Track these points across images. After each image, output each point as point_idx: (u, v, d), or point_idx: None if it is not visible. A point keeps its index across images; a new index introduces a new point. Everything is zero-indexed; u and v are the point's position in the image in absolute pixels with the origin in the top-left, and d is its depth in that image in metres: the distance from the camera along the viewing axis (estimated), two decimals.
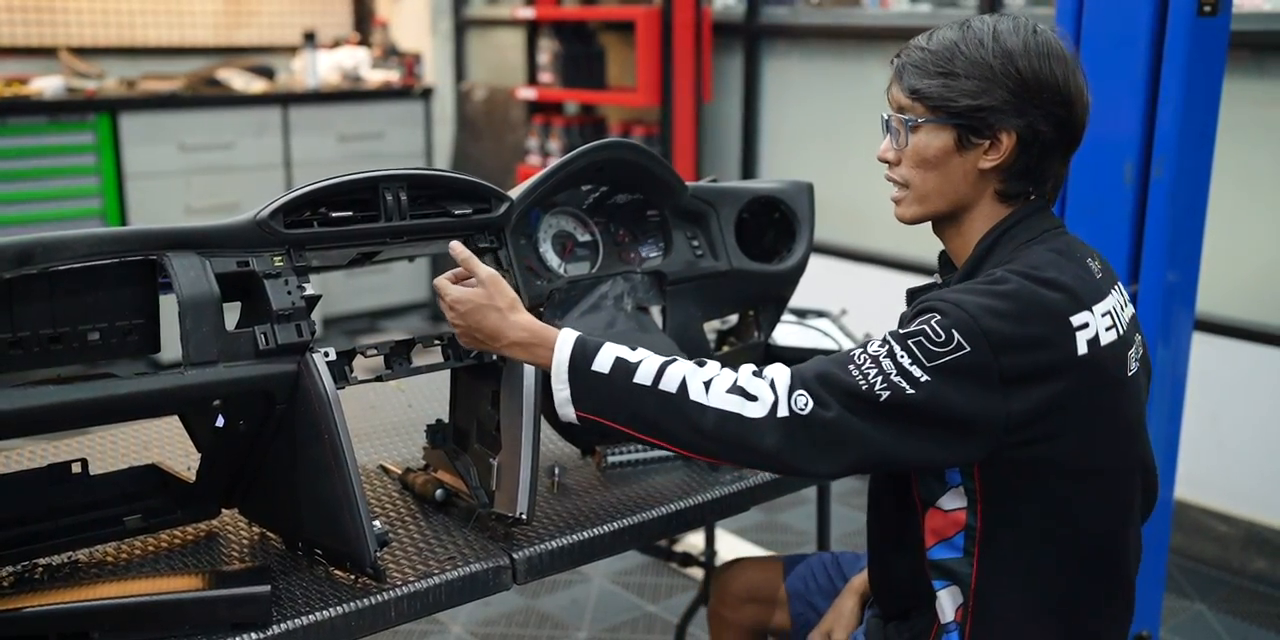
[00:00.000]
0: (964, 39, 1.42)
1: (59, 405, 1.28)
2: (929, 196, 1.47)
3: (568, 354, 1.41)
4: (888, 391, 1.30)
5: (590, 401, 1.40)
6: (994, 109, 1.39)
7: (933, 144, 1.44)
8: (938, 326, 1.31)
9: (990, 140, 1.41)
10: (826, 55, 4.34)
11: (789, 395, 1.33)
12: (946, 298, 1.34)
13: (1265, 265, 3.21)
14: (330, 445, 1.43)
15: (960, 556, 1.43)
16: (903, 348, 1.31)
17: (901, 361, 1.30)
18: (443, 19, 5.79)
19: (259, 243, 1.45)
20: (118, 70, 5.14)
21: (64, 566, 1.53)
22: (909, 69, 1.45)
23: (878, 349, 1.33)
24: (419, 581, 1.51)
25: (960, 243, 1.50)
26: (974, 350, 1.29)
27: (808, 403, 1.32)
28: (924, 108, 1.43)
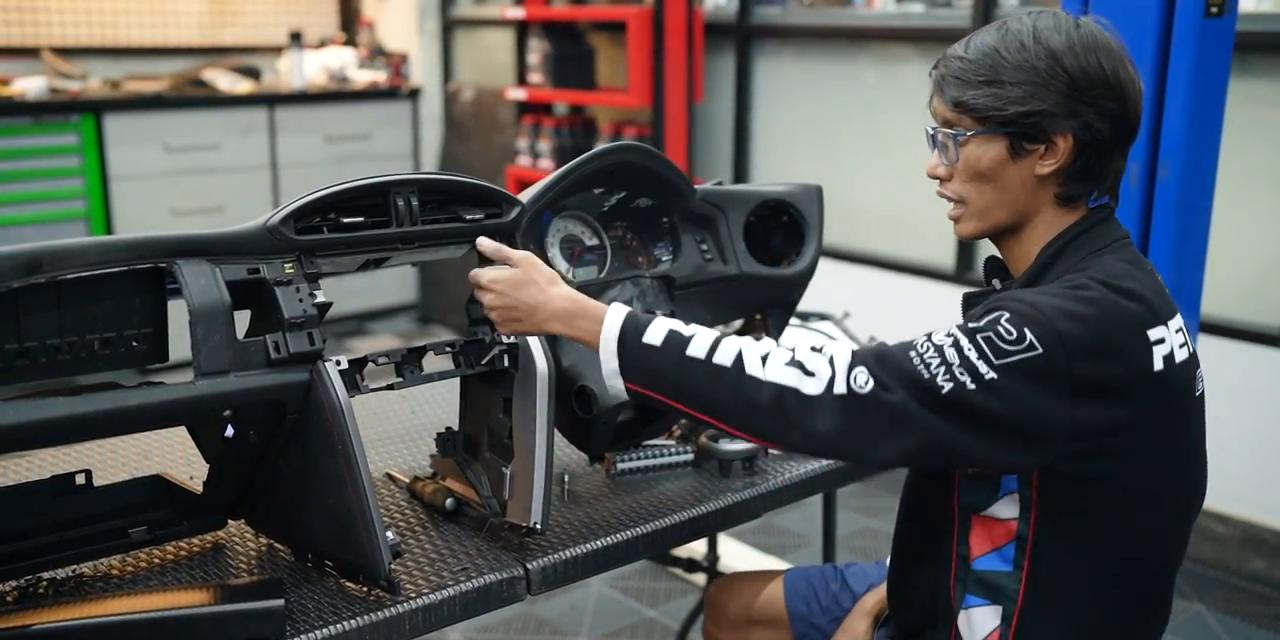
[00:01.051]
0: (1004, 43, 1.35)
1: (70, 418, 1.24)
2: (988, 210, 1.41)
3: (618, 325, 1.37)
4: (950, 384, 1.25)
5: (640, 373, 1.35)
6: (1045, 113, 1.33)
7: (985, 156, 1.38)
8: (1010, 325, 1.26)
9: (1045, 145, 1.35)
10: (819, 55, 4.33)
11: (848, 372, 1.27)
12: (1022, 298, 1.30)
13: (1261, 266, 3.21)
14: (343, 455, 1.40)
15: (1009, 570, 1.38)
16: (971, 342, 1.26)
17: (968, 355, 1.25)
18: (429, 19, 5.75)
19: (269, 249, 1.42)
20: (101, 70, 5.09)
21: (68, 581, 1.50)
22: (950, 80, 1.38)
23: (943, 339, 1.28)
24: (433, 593, 1.48)
25: (1021, 251, 1.44)
26: (1046, 352, 1.24)
27: (868, 381, 1.26)
28: (971, 119, 1.37)
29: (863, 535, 3.45)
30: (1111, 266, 1.35)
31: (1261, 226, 3.21)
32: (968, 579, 1.42)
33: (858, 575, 1.81)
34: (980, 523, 1.40)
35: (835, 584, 1.81)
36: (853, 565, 1.86)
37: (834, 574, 1.82)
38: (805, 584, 1.83)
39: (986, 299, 1.39)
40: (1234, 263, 3.17)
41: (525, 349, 1.58)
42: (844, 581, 1.81)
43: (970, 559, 1.42)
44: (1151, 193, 2.20)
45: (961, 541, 1.42)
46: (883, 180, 4.12)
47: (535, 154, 4.97)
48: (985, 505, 1.39)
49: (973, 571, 1.42)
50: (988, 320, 1.28)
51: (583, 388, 1.72)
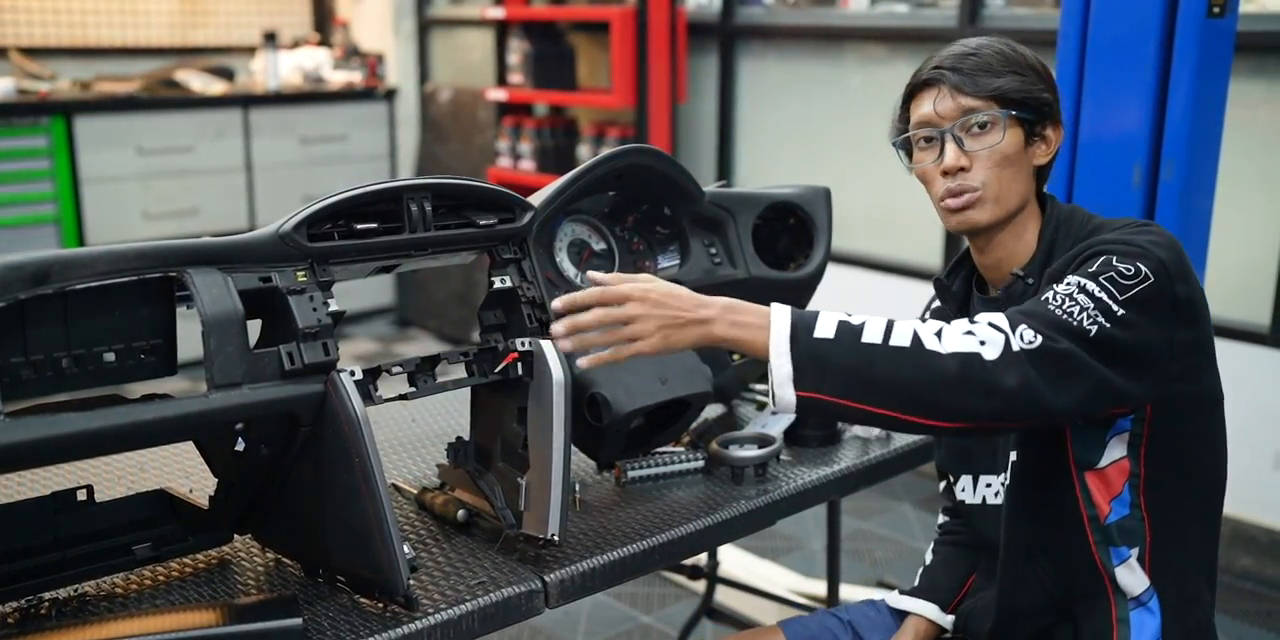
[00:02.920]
0: (1003, 44, 1.51)
1: (83, 434, 1.20)
2: (1004, 196, 1.50)
3: (787, 324, 1.32)
4: (1095, 326, 1.30)
5: (815, 375, 1.29)
6: (1052, 104, 1.50)
7: (1014, 141, 1.49)
8: (1122, 262, 1.34)
9: (1041, 136, 1.51)
10: (802, 56, 4.31)
11: (1013, 332, 1.30)
12: (1110, 239, 1.40)
13: (1249, 265, 3.23)
14: (360, 468, 1.36)
15: (1129, 512, 1.45)
16: (1096, 284, 1.33)
17: (1100, 296, 1.32)
18: (405, 19, 5.70)
19: (281, 257, 1.38)
20: (70, 71, 5.00)
21: (71, 601, 1.45)
22: (972, 74, 1.47)
23: (1070, 288, 1.34)
24: (450, 608, 1.44)
25: (1014, 241, 1.53)
26: (1157, 279, 1.33)
27: (1035, 335, 1.29)
28: (1000, 105, 1.47)
29: (855, 537, 3.44)
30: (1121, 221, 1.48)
31: (1248, 226, 3.23)
32: (1108, 536, 1.46)
33: (865, 624, 1.74)
34: (1095, 478, 1.46)
35: (846, 636, 1.73)
36: (849, 610, 1.78)
37: (839, 625, 1.74)
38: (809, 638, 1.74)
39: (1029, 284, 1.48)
40: (1222, 262, 3.17)
41: (540, 357, 1.54)
42: (855, 633, 1.73)
43: (1101, 518, 1.46)
44: (1154, 193, 2.19)
45: (1089, 504, 1.46)
46: (867, 180, 4.11)
47: (516, 155, 4.93)
48: (1096, 459, 1.45)
49: (1106, 527, 1.46)
50: (1100, 263, 1.35)
51: (594, 396, 1.69)
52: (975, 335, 1.31)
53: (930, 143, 1.51)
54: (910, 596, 1.73)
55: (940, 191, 1.51)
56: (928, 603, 1.70)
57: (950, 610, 1.70)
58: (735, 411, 2.14)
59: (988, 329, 1.31)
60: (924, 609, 1.70)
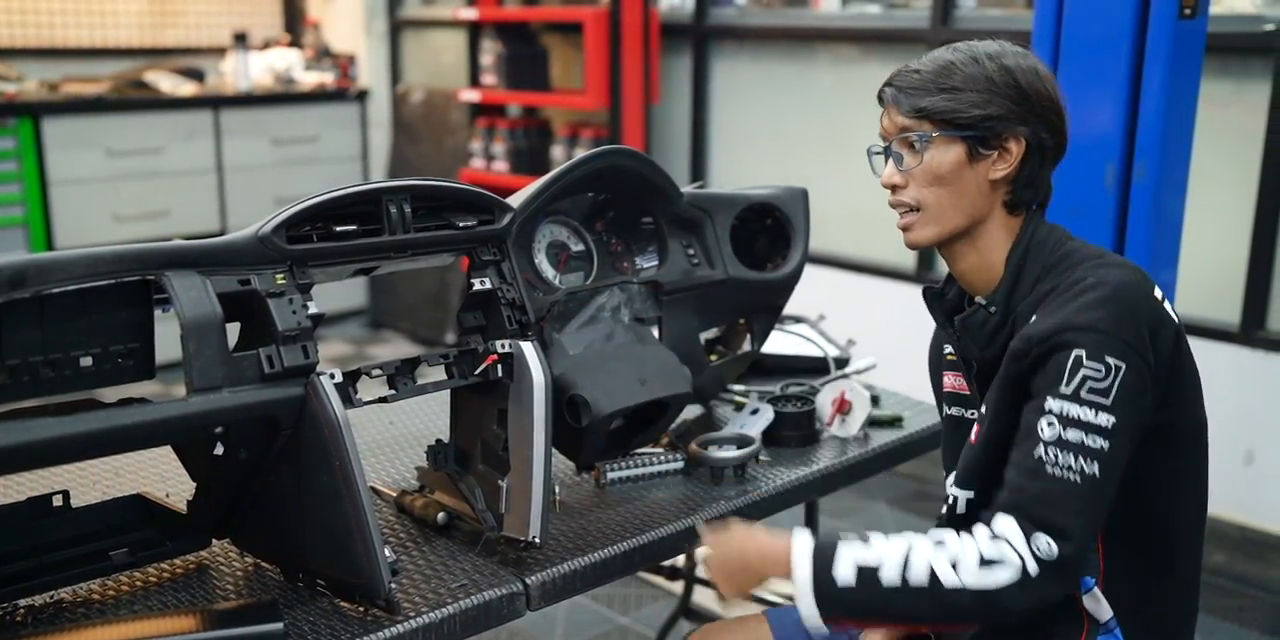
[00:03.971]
0: (958, 57, 1.48)
1: (61, 439, 1.19)
2: (945, 214, 1.48)
3: (808, 572, 1.39)
4: (1096, 462, 1.32)
5: (839, 612, 1.40)
6: (1001, 118, 1.44)
7: (945, 159, 1.46)
8: (1092, 362, 1.34)
9: (999, 150, 1.46)
10: (775, 56, 4.32)
11: (1029, 547, 1.32)
12: (1070, 326, 1.36)
13: (1218, 263, 3.26)
14: (341, 472, 1.36)
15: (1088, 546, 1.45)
16: (1078, 405, 1.33)
17: (1087, 420, 1.33)
18: (377, 20, 5.67)
19: (260, 259, 1.37)
20: (38, 72, 4.94)
21: (48, 607, 1.43)
22: (907, 92, 1.48)
23: (1054, 430, 1.34)
24: (432, 612, 1.44)
25: (976, 259, 1.52)
26: (1128, 364, 1.34)
27: (1050, 544, 1.32)
28: (931, 124, 1.46)
29: None
30: (1087, 251, 1.47)
31: (1218, 225, 3.26)
32: None
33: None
34: None
35: None
36: None
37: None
38: (796, 629, 1.73)
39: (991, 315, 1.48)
40: (1193, 261, 3.21)
41: (520, 359, 1.54)
42: None
43: None
44: (1127, 193, 2.21)
45: None
46: (841, 181, 4.12)
47: (490, 156, 4.92)
48: None
49: None
50: (1069, 373, 1.35)
51: (574, 397, 1.69)
52: (991, 561, 1.33)
53: (881, 156, 1.53)
54: None
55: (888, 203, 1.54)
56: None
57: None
58: (714, 412, 2.15)
59: (1001, 547, 1.33)
60: None
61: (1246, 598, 3.14)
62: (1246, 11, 3.25)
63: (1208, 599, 3.11)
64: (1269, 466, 3.20)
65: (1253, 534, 3.24)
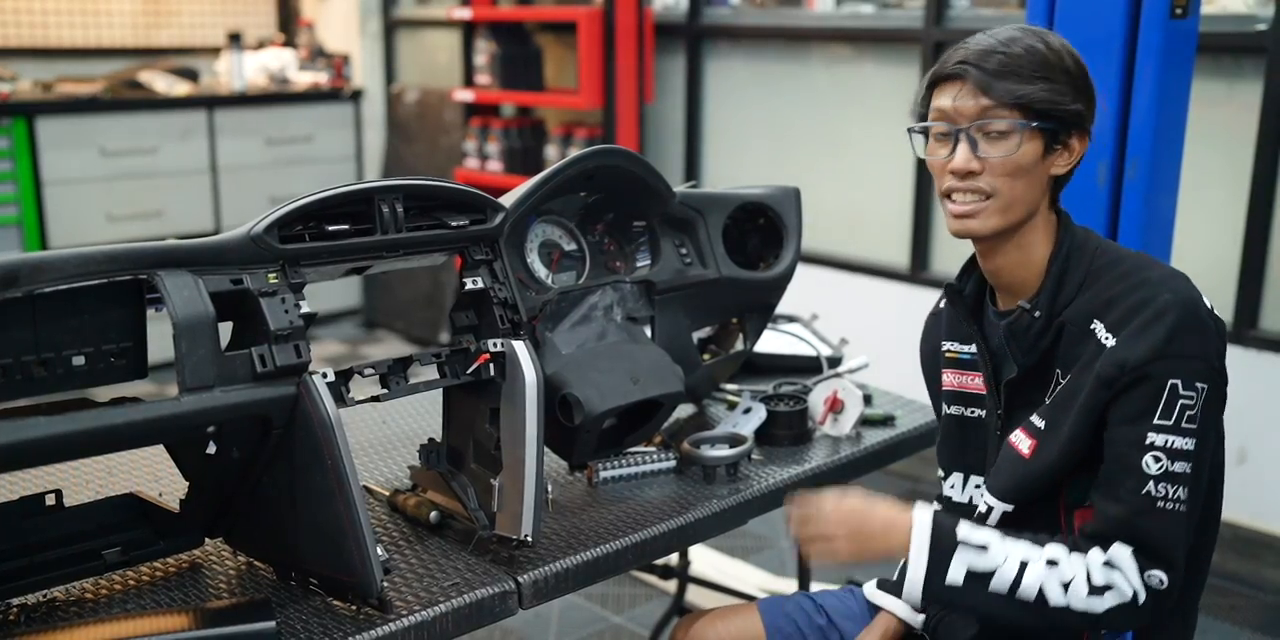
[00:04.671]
0: (1038, 41, 1.42)
1: (53, 438, 1.19)
2: (1014, 205, 1.45)
3: (923, 571, 1.41)
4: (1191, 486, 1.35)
5: (939, 601, 1.46)
6: (1082, 114, 1.43)
7: (1029, 151, 1.43)
8: (1186, 390, 1.36)
9: (1064, 144, 1.44)
10: (769, 56, 4.33)
11: (1142, 578, 1.35)
12: (1165, 354, 1.36)
13: (1210, 262, 3.27)
14: (334, 471, 1.36)
15: None
16: (1180, 435, 1.36)
17: (1189, 448, 1.35)
18: (371, 20, 5.67)
19: (252, 259, 1.37)
20: (31, 72, 4.94)
21: (40, 606, 1.44)
22: (1000, 75, 1.40)
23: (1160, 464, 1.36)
24: (424, 610, 1.44)
25: (1018, 257, 1.49)
26: (1211, 384, 1.37)
27: (1162, 580, 1.35)
28: (1023, 113, 1.40)
29: None
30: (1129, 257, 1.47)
31: (1210, 225, 3.27)
32: None
33: (840, 611, 1.77)
34: (1080, 515, 1.47)
35: (820, 618, 1.75)
36: (826, 595, 1.80)
37: (814, 608, 1.77)
38: (786, 619, 1.75)
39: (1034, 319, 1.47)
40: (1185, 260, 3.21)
41: (512, 358, 1.55)
42: (829, 618, 1.76)
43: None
44: (1119, 193, 2.22)
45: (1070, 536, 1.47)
46: (835, 180, 4.13)
47: (484, 156, 4.92)
48: (1085, 498, 1.45)
49: None
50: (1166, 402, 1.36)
51: (566, 396, 1.69)
52: (1102, 589, 1.35)
53: (945, 137, 1.46)
54: (885, 592, 1.73)
55: (945, 187, 1.47)
56: (901, 601, 1.71)
57: (923, 610, 1.71)
58: (706, 411, 2.15)
59: (1118, 579, 1.35)
60: (896, 607, 1.70)
61: (1239, 596, 3.15)
62: (1239, 11, 3.26)
63: (1203, 597, 3.12)
64: (1261, 465, 3.21)
65: (1245, 533, 3.25)
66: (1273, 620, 3.02)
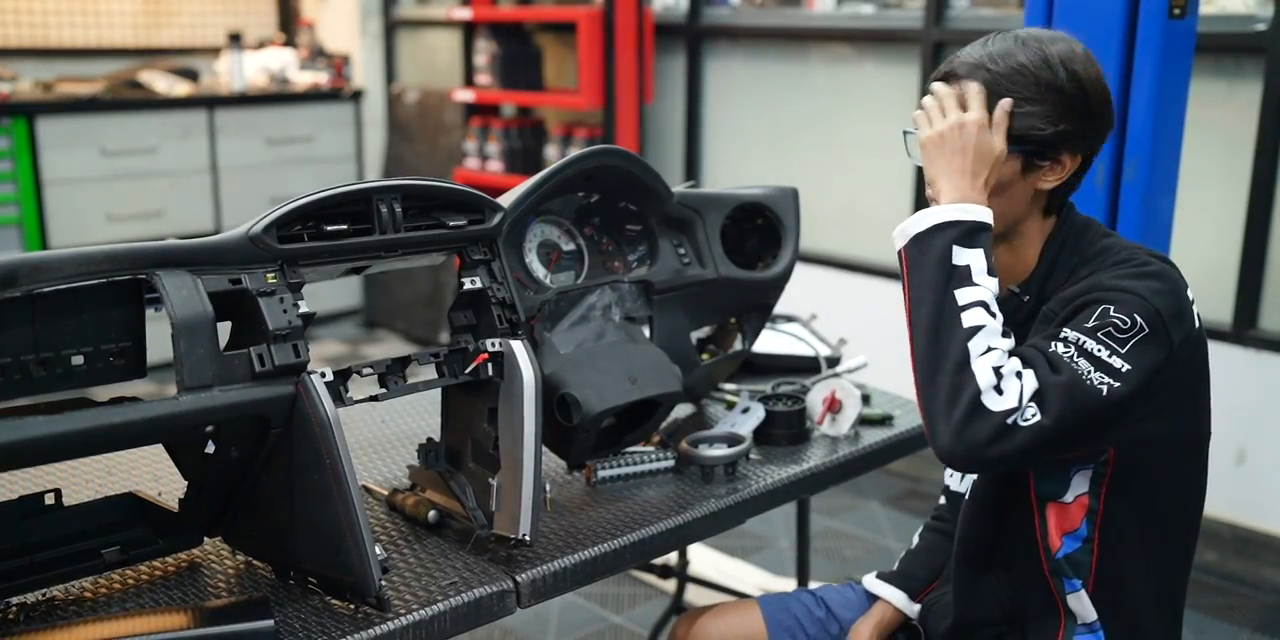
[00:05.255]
0: (1029, 59, 1.40)
1: (51, 437, 1.19)
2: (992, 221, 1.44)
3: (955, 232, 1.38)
4: (1105, 387, 1.31)
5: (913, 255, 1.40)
6: (1068, 136, 1.40)
7: (1005, 172, 1.43)
8: (1120, 314, 1.33)
9: (1053, 161, 1.42)
10: (769, 56, 4.33)
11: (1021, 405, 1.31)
12: (1108, 286, 1.36)
13: (1210, 263, 3.27)
14: (332, 470, 1.36)
15: (1080, 546, 1.45)
16: (1095, 341, 1.32)
17: (1099, 355, 1.32)
18: (371, 20, 5.68)
19: (251, 259, 1.38)
20: (32, 72, 4.95)
21: (40, 605, 1.44)
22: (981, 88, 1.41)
23: (1068, 349, 1.33)
24: (422, 609, 1.44)
25: (1010, 258, 1.50)
26: (1152, 329, 1.33)
27: (1035, 414, 1.31)
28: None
29: (824, 536, 3.46)
30: (1129, 245, 1.46)
31: (1210, 225, 3.27)
32: (1059, 567, 1.47)
33: (839, 602, 1.79)
34: (1056, 510, 1.46)
35: (819, 611, 1.78)
36: (826, 589, 1.83)
37: (814, 601, 1.79)
38: (785, 613, 1.78)
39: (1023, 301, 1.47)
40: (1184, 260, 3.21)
41: (511, 357, 1.55)
42: (828, 610, 1.78)
43: (1053, 550, 1.47)
44: (1117, 193, 2.22)
45: (1044, 534, 1.47)
46: (834, 180, 4.14)
47: (484, 156, 4.92)
48: (1061, 492, 1.45)
49: (1057, 559, 1.47)
50: (1098, 315, 1.34)
51: (564, 396, 1.70)
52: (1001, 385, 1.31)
53: None
54: (882, 581, 1.75)
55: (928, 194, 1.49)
56: (897, 590, 1.72)
57: (919, 599, 1.72)
58: (705, 411, 2.15)
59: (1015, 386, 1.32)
60: (892, 595, 1.72)
61: (1237, 596, 3.15)
62: (1238, 11, 3.26)
63: (1199, 597, 3.13)
64: (1260, 465, 3.21)
65: (1243, 533, 3.25)
66: (1271, 620, 3.02)
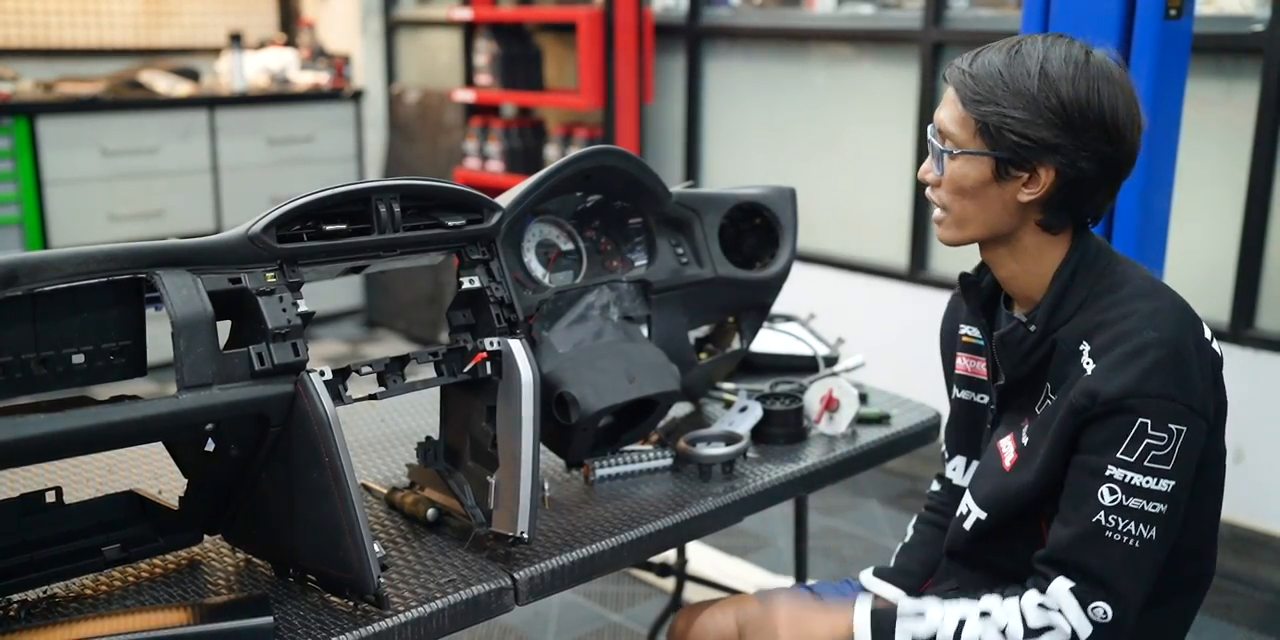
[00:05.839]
0: (1010, 66, 1.38)
1: (51, 436, 1.20)
2: (967, 222, 1.46)
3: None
4: (1155, 527, 1.33)
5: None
6: (1036, 144, 1.36)
7: (970, 174, 1.42)
8: (1155, 431, 1.33)
9: (1029, 173, 1.39)
10: (769, 56, 4.34)
11: (1084, 614, 1.34)
12: (1136, 392, 1.34)
13: (1207, 263, 3.28)
14: (330, 468, 1.37)
15: None
16: (1140, 473, 1.34)
17: (1149, 487, 1.33)
18: (372, 20, 5.68)
19: (250, 258, 1.39)
20: (33, 72, 4.95)
21: (40, 602, 1.45)
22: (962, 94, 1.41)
23: (1114, 496, 1.34)
24: (421, 606, 1.45)
25: (1016, 269, 1.48)
26: (1190, 426, 1.34)
27: (1107, 612, 1.34)
28: (966, 134, 1.41)
29: (823, 535, 3.47)
30: (1136, 281, 1.44)
31: (1207, 225, 3.28)
32: None
33: (837, 599, 1.77)
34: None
35: None
36: (823, 585, 1.83)
37: (811, 597, 1.76)
38: None
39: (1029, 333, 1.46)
40: (1182, 260, 3.22)
41: (509, 356, 1.56)
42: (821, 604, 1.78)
43: None
44: None
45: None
46: (834, 180, 4.15)
47: (484, 156, 4.93)
48: None
49: None
50: (1131, 440, 1.34)
51: (562, 395, 1.71)
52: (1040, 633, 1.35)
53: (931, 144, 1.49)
54: (879, 579, 1.75)
55: None
56: (894, 587, 1.73)
57: (914, 595, 1.72)
58: (703, 410, 2.16)
59: (1056, 618, 1.35)
60: (889, 593, 1.72)
61: (1235, 595, 3.16)
62: (1236, 12, 3.27)
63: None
64: (1258, 465, 3.22)
65: (1241, 532, 3.26)
66: (1269, 618, 3.03)
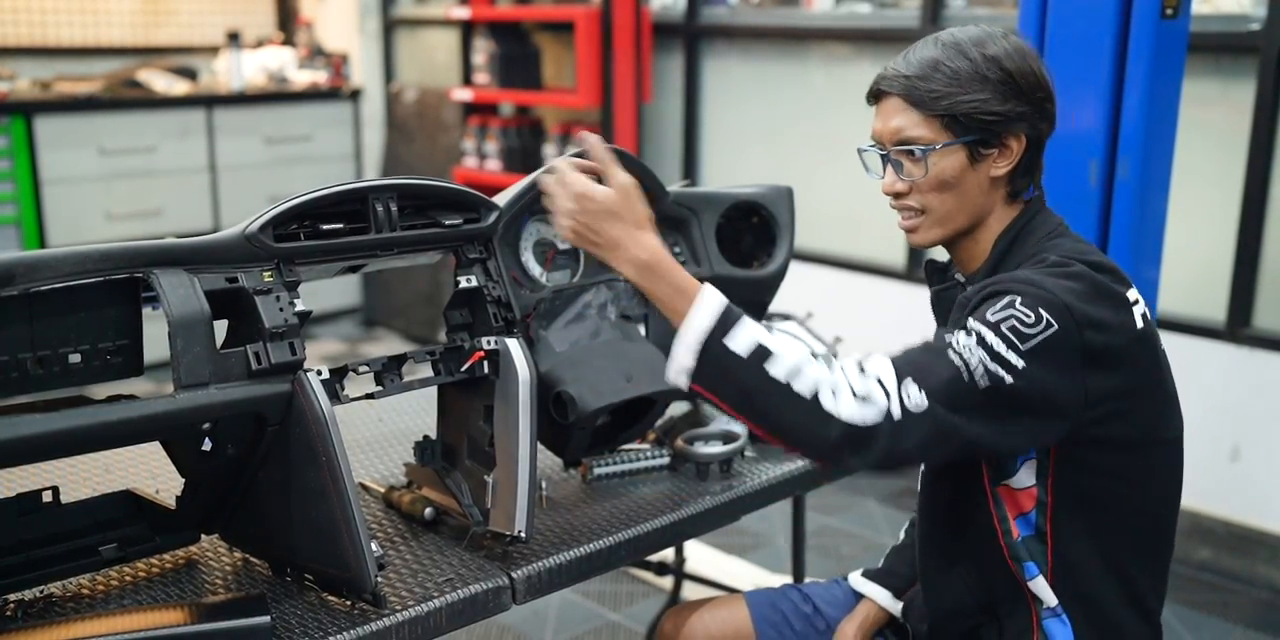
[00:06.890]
0: (946, 55, 1.43)
1: (47, 435, 1.20)
2: (951, 216, 1.48)
3: (709, 322, 1.31)
4: (986, 380, 1.30)
5: (711, 377, 1.31)
6: (1002, 117, 1.42)
7: (950, 166, 1.44)
8: (1025, 307, 1.31)
9: (999, 148, 1.44)
10: (766, 56, 4.34)
11: (899, 391, 1.29)
12: (1020, 278, 1.36)
13: (1203, 261, 3.28)
14: (328, 467, 1.37)
15: (1034, 534, 1.46)
16: (995, 333, 1.30)
17: (996, 348, 1.30)
18: (370, 19, 5.68)
19: (247, 257, 1.39)
20: (30, 71, 4.95)
21: (37, 602, 1.45)
22: (901, 97, 1.44)
23: (969, 338, 1.32)
24: (418, 605, 1.46)
25: (977, 249, 1.52)
26: (1061, 327, 1.31)
27: (922, 399, 1.29)
28: (930, 131, 1.43)
29: (821, 533, 3.47)
30: (1072, 246, 1.45)
31: (1204, 223, 3.28)
32: (1017, 552, 1.47)
33: (826, 599, 1.79)
34: (1007, 493, 1.46)
35: (806, 607, 1.78)
36: (813, 586, 1.84)
37: (801, 597, 1.80)
38: (772, 609, 1.78)
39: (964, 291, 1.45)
40: (1179, 258, 3.23)
41: (506, 355, 1.56)
42: (815, 606, 1.78)
43: (1014, 536, 1.47)
44: (1110, 191, 2.23)
45: (1001, 519, 1.47)
46: (831, 179, 4.14)
47: (482, 155, 4.93)
48: (1009, 475, 1.45)
49: (1015, 543, 1.47)
50: (1002, 306, 1.32)
51: (560, 394, 1.71)
52: (864, 397, 1.29)
53: (881, 159, 1.49)
54: (867, 579, 1.76)
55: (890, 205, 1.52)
56: (882, 588, 1.73)
57: (902, 596, 1.73)
58: (700, 408, 2.16)
59: (873, 386, 1.30)
60: (876, 594, 1.73)
61: (1231, 593, 3.16)
62: (1232, 11, 3.27)
63: (1192, 594, 3.14)
64: (1254, 463, 3.22)
65: (1238, 530, 3.26)
66: (1265, 616, 3.03)
